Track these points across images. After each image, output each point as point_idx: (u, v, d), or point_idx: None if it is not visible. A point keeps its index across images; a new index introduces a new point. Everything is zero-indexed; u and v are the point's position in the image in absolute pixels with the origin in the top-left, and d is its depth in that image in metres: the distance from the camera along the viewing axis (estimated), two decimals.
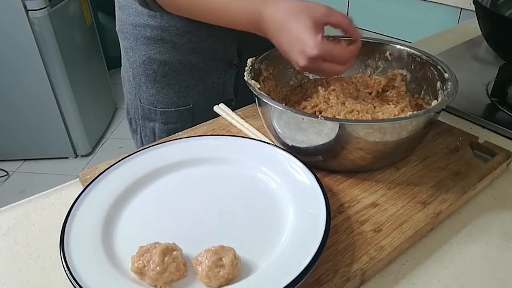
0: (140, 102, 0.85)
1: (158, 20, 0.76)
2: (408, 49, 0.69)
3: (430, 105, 0.63)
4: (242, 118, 0.72)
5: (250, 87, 0.60)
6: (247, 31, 0.65)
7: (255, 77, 0.64)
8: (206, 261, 0.43)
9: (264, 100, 0.57)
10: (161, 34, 0.77)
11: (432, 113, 0.56)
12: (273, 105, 0.56)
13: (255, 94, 0.59)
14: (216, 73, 0.82)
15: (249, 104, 0.76)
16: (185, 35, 0.77)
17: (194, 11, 0.68)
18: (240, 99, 0.83)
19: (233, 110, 0.75)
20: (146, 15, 0.76)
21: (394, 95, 0.69)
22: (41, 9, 1.90)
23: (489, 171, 0.60)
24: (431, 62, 0.66)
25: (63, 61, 2.05)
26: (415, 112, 0.61)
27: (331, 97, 0.67)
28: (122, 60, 0.87)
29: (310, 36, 0.56)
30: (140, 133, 0.89)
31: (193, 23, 0.75)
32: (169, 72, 0.80)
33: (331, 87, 0.68)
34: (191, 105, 0.83)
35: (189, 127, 0.71)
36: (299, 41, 0.57)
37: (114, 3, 0.82)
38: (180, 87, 0.82)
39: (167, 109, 0.83)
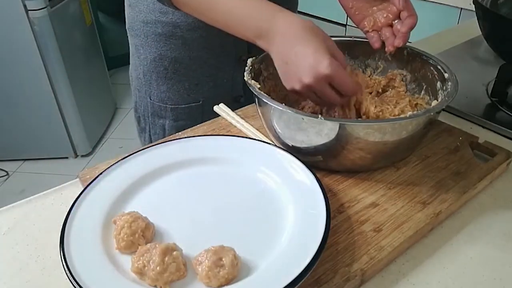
0: (150, 99, 0.85)
1: (169, 16, 0.76)
2: (408, 49, 0.69)
3: (430, 105, 0.63)
4: (242, 118, 0.72)
5: (250, 87, 0.60)
6: (248, 40, 0.61)
7: (255, 77, 0.64)
8: (206, 261, 0.44)
9: (264, 100, 0.57)
10: (172, 30, 0.77)
11: (432, 113, 0.56)
12: (273, 105, 0.56)
13: (255, 94, 0.60)
14: (226, 69, 0.83)
15: None
16: (196, 31, 0.77)
17: (202, 11, 0.65)
18: (249, 95, 0.84)
19: (242, 106, 0.76)
20: (157, 12, 0.77)
21: (394, 95, 0.69)
22: (41, 9, 1.90)
23: (489, 171, 0.60)
24: (431, 62, 0.66)
25: (63, 61, 2.04)
26: (415, 112, 0.61)
27: None
28: (131, 58, 0.88)
29: (326, 55, 0.52)
30: (149, 130, 0.89)
31: None
32: (180, 69, 0.81)
33: None
34: (201, 102, 0.84)
35: (199, 124, 0.72)
36: (313, 57, 0.52)
37: (114, 3, 0.83)
38: (190, 83, 0.83)
39: (177, 106, 0.84)
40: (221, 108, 0.75)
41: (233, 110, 0.74)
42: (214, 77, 0.83)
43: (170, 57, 0.80)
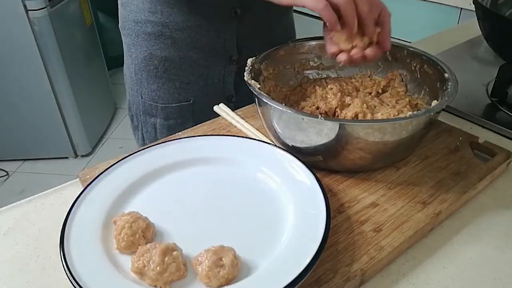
0: (142, 98, 0.86)
1: (158, 16, 0.77)
2: (408, 49, 0.69)
3: (430, 105, 0.63)
4: (242, 118, 0.72)
5: (250, 87, 0.60)
6: None
7: (255, 77, 0.64)
8: (206, 261, 0.44)
9: (264, 100, 0.57)
10: (162, 30, 0.78)
11: (432, 113, 0.56)
12: (273, 105, 0.56)
13: (255, 94, 0.60)
14: (216, 69, 0.83)
15: (250, 102, 0.76)
16: (185, 31, 0.77)
17: None
18: (241, 96, 0.84)
19: (234, 107, 0.75)
20: (147, 11, 0.77)
21: (394, 95, 0.69)
22: (41, 9, 1.90)
23: (489, 171, 0.60)
24: (431, 62, 0.66)
25: (63, 61, 2.05)
26: (415, 112, 0.61)
27: (328, 96, 0.67)
28: (124, 57, 0.88)
29: None
30: (142, 129, 0.90)
31: (193, 18, 0.76)
32: (170, 68, 0.81)
33: (329, 86, 0.68)
34: (191, 101, 0.84)
35: (189, 123, 0.71)
36: None
37: (114, 3, 0.83)
38: (181, 83, 0.83)
39: (168, 105, 0.84)
40: (221, 108, 0.75)
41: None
42: (205, 76, 0.83)
43: (160, 56, 0.80)
